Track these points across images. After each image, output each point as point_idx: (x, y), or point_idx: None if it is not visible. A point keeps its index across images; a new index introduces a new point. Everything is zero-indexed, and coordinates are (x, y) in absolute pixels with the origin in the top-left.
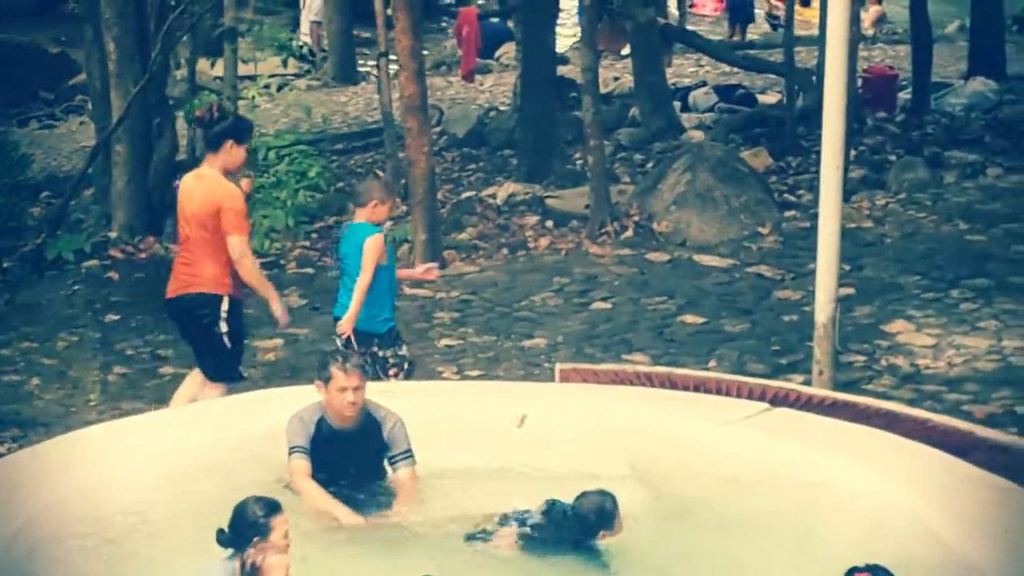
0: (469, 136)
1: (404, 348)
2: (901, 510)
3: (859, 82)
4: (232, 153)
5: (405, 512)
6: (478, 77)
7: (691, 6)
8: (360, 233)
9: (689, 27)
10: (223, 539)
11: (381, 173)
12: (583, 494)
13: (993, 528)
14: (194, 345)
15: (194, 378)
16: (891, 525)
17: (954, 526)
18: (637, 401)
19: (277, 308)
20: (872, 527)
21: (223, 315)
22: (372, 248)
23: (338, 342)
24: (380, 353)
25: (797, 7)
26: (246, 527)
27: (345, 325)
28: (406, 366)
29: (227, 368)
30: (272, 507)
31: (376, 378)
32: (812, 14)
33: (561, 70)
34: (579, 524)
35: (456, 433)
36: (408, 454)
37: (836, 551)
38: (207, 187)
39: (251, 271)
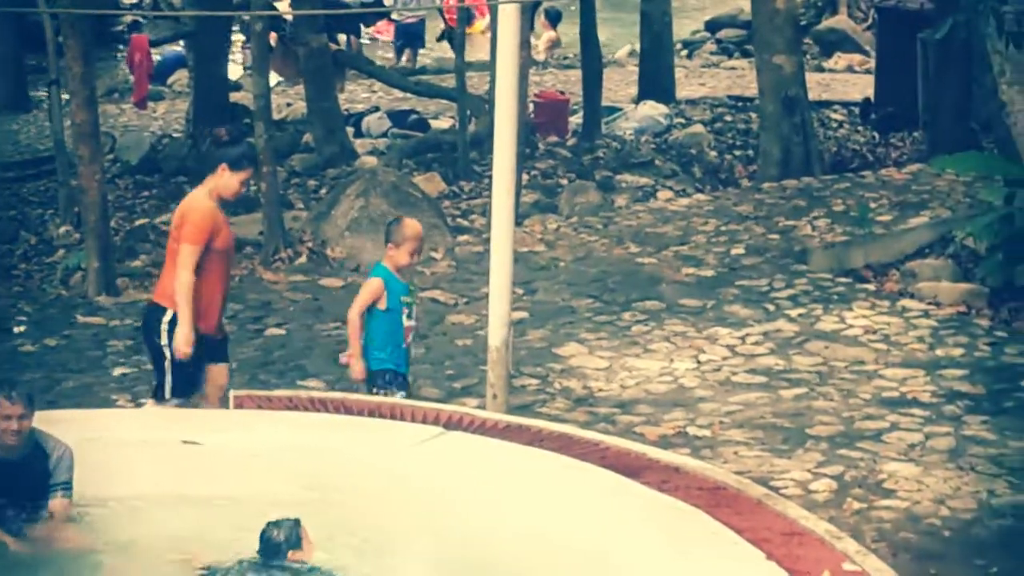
0: (142, 163)
1: (397, 394)
2: (576, 533)
3: (531, 107)
4: (223, 178)
5: (74, 539)
6: (151, 104)
7: (372, 30)
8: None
9: (371, 56)
10: None
11: (407, 219)
12: (268, 524)
13: (668, 549)
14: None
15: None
16: (566, 547)
17: (629, 547)
18: (312, 427)
19: (181, 333)
20: (547, 549)
21: (163, 327)
22: (362, 289)
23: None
24: (374, 391)
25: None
26: None
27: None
28: None
29: (167, 385)
30: None
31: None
32: (475, 30)
33: (234, 96)
34: (268, 549)
35: (130, 461)
36: (65, 485)
37: (512, 573)
38: (185, 202)
39: (180, 284)
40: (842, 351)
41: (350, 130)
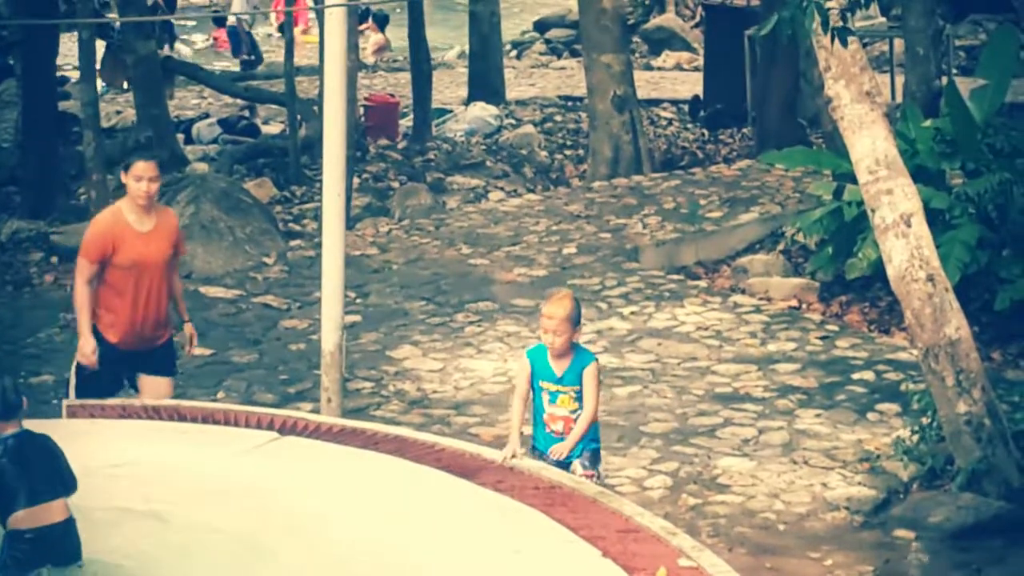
0: None
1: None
2: (412, 534)
3: (361, 110)
4: (126, 181)
5: None
6: None
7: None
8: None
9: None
10: None
11: (552, 292)
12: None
13: (504, 549)
14: None
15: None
16: (402, 549)
17: (466, 548)
18: (146, 434)
19: (79, 343)
20: (383, 552)
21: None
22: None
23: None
24: None
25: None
26: None
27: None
28: None
29: (71, 386)
30: None
31: None
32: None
33: (63, 105)
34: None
35: None
36: None
37: None
38: None
39: (74, 294)
40: (675, 348)
41: (181, 136)
